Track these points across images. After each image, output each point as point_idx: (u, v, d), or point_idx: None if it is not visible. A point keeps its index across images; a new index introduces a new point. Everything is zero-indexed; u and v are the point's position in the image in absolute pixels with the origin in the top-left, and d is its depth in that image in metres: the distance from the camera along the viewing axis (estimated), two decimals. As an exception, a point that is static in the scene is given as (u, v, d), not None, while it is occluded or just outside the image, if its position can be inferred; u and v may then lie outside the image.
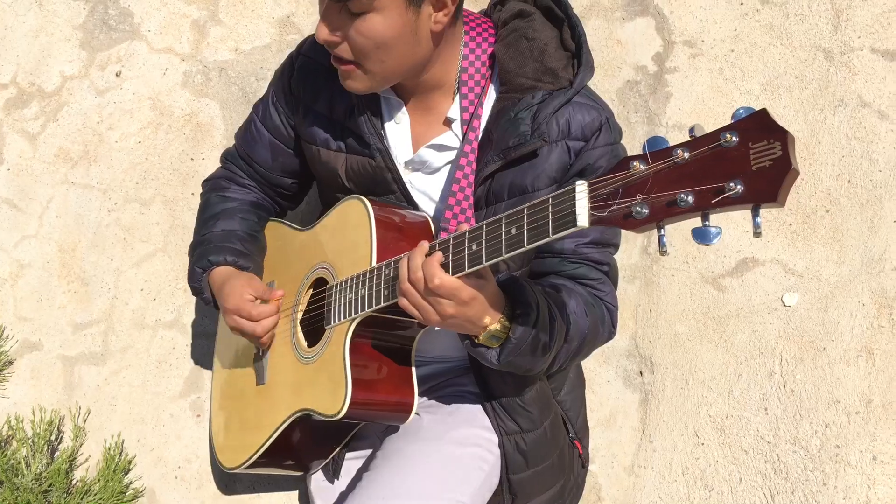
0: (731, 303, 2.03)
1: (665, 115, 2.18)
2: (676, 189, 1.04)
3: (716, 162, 1.02)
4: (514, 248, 1.25)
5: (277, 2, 2.38)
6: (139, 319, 2.27)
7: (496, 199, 1.57)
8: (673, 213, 1.06)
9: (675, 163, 1.05)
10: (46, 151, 2.39)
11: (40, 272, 2.32)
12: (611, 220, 1.11)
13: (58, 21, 2.44)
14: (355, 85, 1.53)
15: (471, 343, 1.46)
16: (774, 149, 0.98)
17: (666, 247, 1.09)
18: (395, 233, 1.57)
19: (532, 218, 1.22)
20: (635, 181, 1.08)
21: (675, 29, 2.21)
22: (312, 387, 1.62)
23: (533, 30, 1.57)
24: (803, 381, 1.92)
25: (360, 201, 1.60)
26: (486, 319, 1.39)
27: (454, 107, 1.59)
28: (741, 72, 2.15)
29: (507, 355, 1.43)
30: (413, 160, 1.63)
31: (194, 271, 1.80)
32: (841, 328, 1.93)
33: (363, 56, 1.47)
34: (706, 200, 1.03)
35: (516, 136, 1.51)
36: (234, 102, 2.36)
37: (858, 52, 2.09)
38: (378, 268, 1.50)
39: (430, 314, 1.37)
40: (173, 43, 2.40)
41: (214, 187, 1.91)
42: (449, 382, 1.78)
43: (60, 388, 2.25)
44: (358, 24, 1.43)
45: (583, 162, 1.54)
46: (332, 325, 1.60)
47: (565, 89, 1.53)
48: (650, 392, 2.06)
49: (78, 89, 2.41)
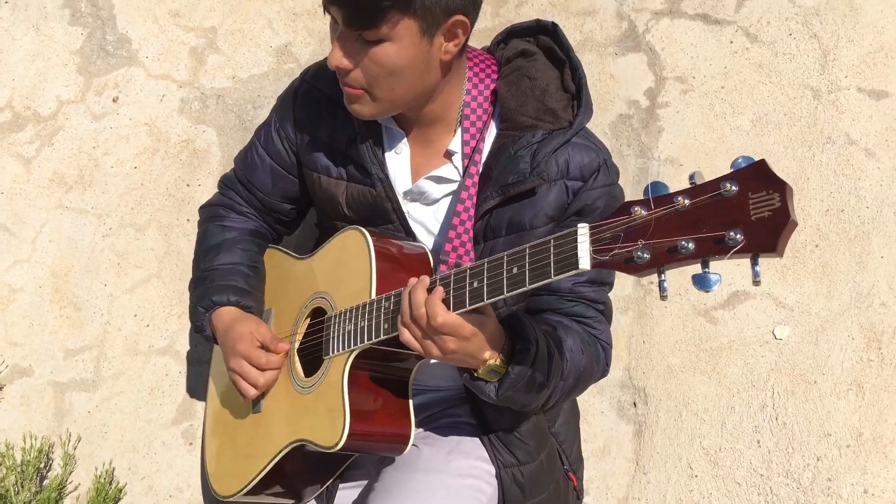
0: (723, 335, 2.06)
1: (657, 149, 2.22)
2: (677, 236, 1.07)
3: (716, 210, 1.05)
4: (515, 288, 1.27)
5: (275, 31, 2.40)
6: (132, 346, 2.26)
7: (494, 235, 1.59)
8: (674, 260, 1.08)
9: (676, 210, 1.08)
10: (41, 175, 2.38)
11: (32, 297, 2.32)
12: (612, 264, 1.14)
13: (55, 46, 2.45)
14: (361, 109, 1.55)
15: (470, 377, 1.47)
16: (773, 200, 1.01)
17: (666, 292, 1.12)
18: (394, 264, 1.58)
19: (534, 258, 1.24)
20: (637, 226, 1.11)
21: (666, 65, 2.26)
22: (309, 417, 1.62)
23: (535, 69, 1.61)
24: (795, 414, 1.95)
25: (360, 232, 1.61)
26: (487, 354, 1.41)
27: (455, 140, 1.61)
28: (731, 108, 2.20)
29: (506, 390, 1.44)
30: (412, 190, 1.65)
31: (196, 310, 1.79)
32: (831, 362, 1.97)
33: (374, 83, 1.49)
34: (706, 248, 1.06)
35: (515, 174, 1.53)
36: (231, 129, 2.37)
37: (845, 91, 2.14)
38: (378, 300, 1.51)
39: (431, 349, 1.39)
40: (171, 70, 2.41)
41: (212, 215, 1.91)
42: (445, 413, 1.79)
43: (51, 414, 2.24)
44: (372, 52, 1.45)
45: (581, 202, 1.57)
46: (330, 355, 1.60)
47: (565, 129, 1.56)
48: (644, 423, 2.08)
49: (74, 114, 2.41)
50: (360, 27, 1.43)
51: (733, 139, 2.18)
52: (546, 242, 1.23)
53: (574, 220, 1.58)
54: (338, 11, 1.44)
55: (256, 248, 1.86)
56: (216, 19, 2.42)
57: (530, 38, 1.68)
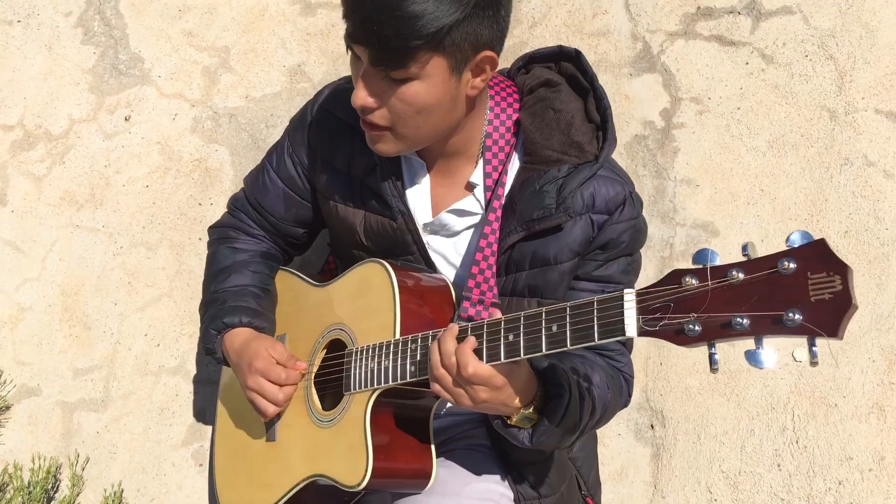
0: (741, 357, 2.03)
1: (673, 170, 2.21)
2: (731, 311, 1.05)
3: (773, 288, 1.03)
4: (555, 347, 1.25)
5: (289, 50, 2.40)
6: (142, 365, 2.24)
7: (517, 268, 1.56)
8: (726, 335, 1.07)
9: (729, 283, 1.05)
10: (52, 194, 2.37)
11: (41, 316, 2.29)
12: (661, 335, 1.12)
13: (67, 65, 2.45)
14: (385, 148, 1.51)
15: (502, 423, 1.45)
16: (834, 282, 0.99)
17: (717, 365, 1.09)
18: (417, 299, 1.55)
19: (575, 319, 1.22)
20: (687, 297, 1.08)
21: (681, 86, 2.25)
22: (329, 453, 1.59)
23: (560, 101, 1.56)
24: (816, 438, 1.92)
25: (382, 267, 1.57)
26: (518, 402, 1.39)
27: (477, 172, 1.58)
28: (747, 129, 2.19)
29: (540, 436, 1.42)
30: (433, 223, 1.62)
31: (208, 332, 1.74)
32: (852, 384, 1.94)
33: (400, 122, 1.45)
34: (762, 326, 1.04)
35: (541, 209, 1.50)
36: (244, 149, 2.36)
37: (863, 113, 2.14)
38: (404, 341, 1.49)
39: (462, 398, 1.36)
40: (184, 89, 2.41)
41: (222, 237, 1.87)
42: (462, 435, 1.76)
43: (59, 435, 2.21)
44: (400, 91, 1.40)
45: (606, 236, 1.55)
46: (351, 392, 1.57)
47: (591, 163, 1.52)
48: (662, 446, 2.05)
49: (86, 132, 2.40)
50: (389, 67, 1.37)
51: (750, 160, 2.17)
52: (588, 304, 1.21)
53: (598, 253, 1.56)
54: (364, 51, 1.38)
55: (268, 270, 1.82)
56: (229, 39, 2.42)
57: (551, 65, 1.64)
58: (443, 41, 1.35)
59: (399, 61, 1.36)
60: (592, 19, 2.32)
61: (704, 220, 2.18)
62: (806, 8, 2.19)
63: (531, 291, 1.56)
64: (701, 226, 2.17)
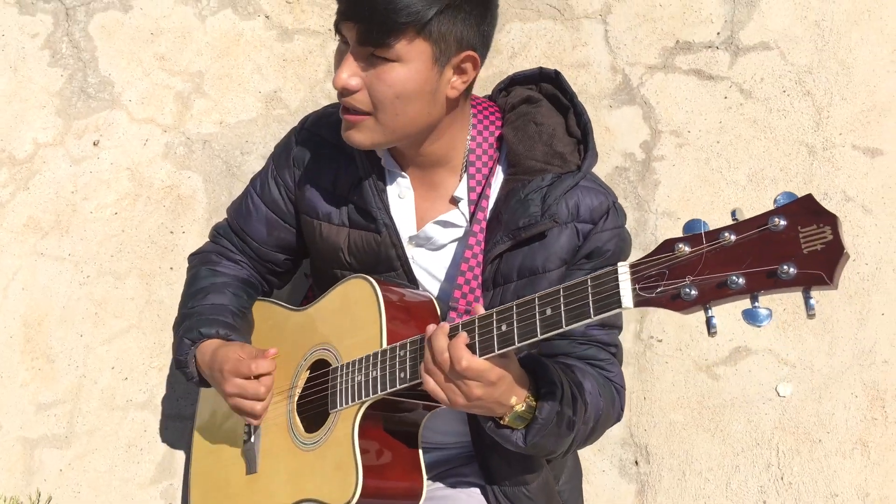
0: (725, 392, 2.03)
1: (654, 202, 2.21)
2: (726, 271, 1.07)
3: (765, 245, 1.05)
4: (550, 329, 1.25)
5: (264, 76, 2.36)
6: (109, 400, 2.16)
7: (505, 280, 1.57)
8: (723, 295, 1.07)
9: (722, 245, 1.08)
10: (14, 221, 2.29)
11: (2, 348, 2.21)
12: (657, 302, 1.13)
13: (33, 87, 2.37)
14: (359, 137, 1.52)
15: (494, 425, 1.44)
16: (825, 232, 1.02)
17: (716, 328, 1.10)
18: (402, 313, 1.55)
19: (570, 299, 1.23)
20: (681, 263, 1.11)
21: (661, 119, 2.26)
22: (315, 475, 1.55)
23: (541, 115, 1.61)
24: (801, 474, 1.92)
25: (366, 281, 1.57)
26: (513, 399, 1.38)
27: (462, 185, 1.60)
28: (727, 162, 2.21)
29: (534, 436, 1.41)
30: (418, 236, 1.63)
31: (182, 342, 1.71)
32: (836, 420, 1.95)
33: (380, 106, 1.47)
34: (758, 282, 1.05)
35: (526, 217, 1.52)
36: (218, 175, 2.31)
37: (840, 149, 2.16)
38: (391, 349, 1.47)
39: (456, 396, 1.35)
40: (155, 114, 2.35)
41: (204, 261, 1.86)
42: (450, 472, 1.74)
43: (19, 472, 2.12)
44: (382, 71, 1.44)
45: (591, 245, 1.57)
46: (337, 408, 1.54)
47: (574, 173, 1.56)
48: (646, 483, 2.03)
49: (52, 157, 2.33)
50: (375, 44, 1.42)
51: (730, 193, 2.18)
52: (582, 283, 1.22)
53: (584, 262, 1.58)
54: (353, 27, 1.43)
55: (246, 296, 1.81)
56: (203, 63, 2.37)
57: (532, 86, 1.68)
58: (430, 25, 1.41)
59: (385, 37, 1.41)
60: (572, 51, 2.32)
61: (685, 253, 2.18)
62: (783, 44, 2.22)
63: None
64: (682, 259, 2.18)
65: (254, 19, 2.37)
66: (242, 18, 2.37)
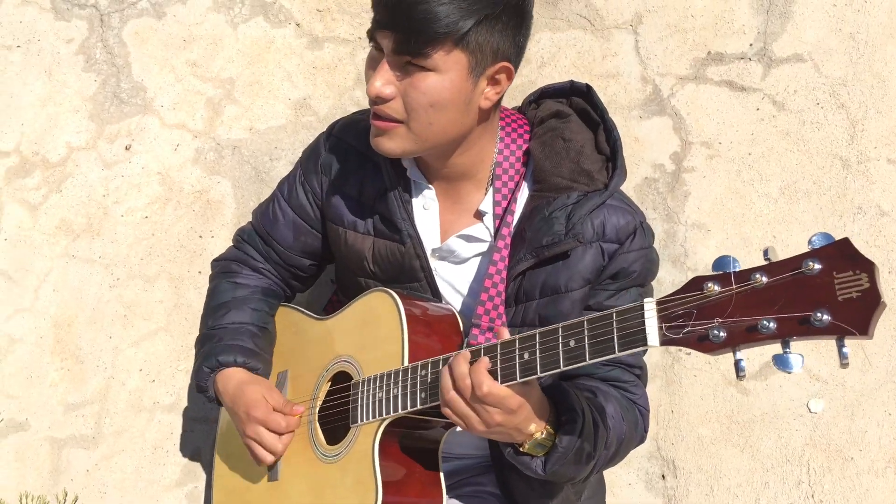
0: (755, 407, 2.00)
1: (684, 214, 2.19)
2: (757, 314, 1.04)
3: (798, 289, 1.02)
4: (573, 362, 1.23)
5: (294, 84, 2.37)
6: (136, 401, 2.17)
7: (527, 297, 1.55)
8: (753, 339, 1.04)
9: (753, 287, 1.05)
10: (47, 223, 2.31)
11: (32, 348, 2.23)
12: (684, 342, 1.10)
13: (67, 91, 2.40)
14: (390, 145, 1.50)
15: (514, 452, 1.42)
16: (861, 280, 0.98)
17: (744, 371, 1.07)
18: (424, 328, 1.53)
19: (594, 332, 1.21)
20: (710, 303, 1.07)
21: (692, 130, 2.24)
22: (336, 488, 1.55)
23: (570, 131, 1.58)
24: (832, 492, 1.88)
25: (388, 295, 1.56)
26: (532, 427, 1.36)
27: (487, 199, 1.58)
28: (759, 175, 2.18)
29: (553, 464, 1.39)
30: (441, 249, 1.61)
31: (201, 370, 1.72)
32: (868, 438, 1.91)
33: (413, 114, 1.45)
34: (789, 328, 1.02)
35: (550, 235, 1.50)
36: (247, 181, 2.32)
37: (875, 162, 2.13)
38: (413, 367, 1.46)
39: (474, 423, 1.34)
40: (186, 119, 2.37)
41: (224, 270, 1.85)
42: (468, 481, 1.73)
43: (46, 472, 2.13)
44: (417, 80, 1.42)
45: (617, 265, 1.54)
46: (358, 423, 1.54)
47: (600, 191, 1.54)
48: (673, 497, 2.01)
49: (84, 161, 2.35)
50: (412, 53, 1.40)
51: (761, 206, 2.15)
52: (606, 317, 1.20)
53: (609, 283, 1.55)
54: (389, 36, 1.41)
55: (268, 307, 1.80)
56: (234, 70, 2.38)
57: (563, 100, 1.66)
58: (468, 36, 1.40)
59: (424, 47, 1.39)
60: (602, 61, 2.31)
61: (715, 265, 2.15)
62: (817, 56, 2.20)
63: (542, 321, 1.54)
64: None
65: (284, 27, 2.39)
66: (273, 26, 2.39)
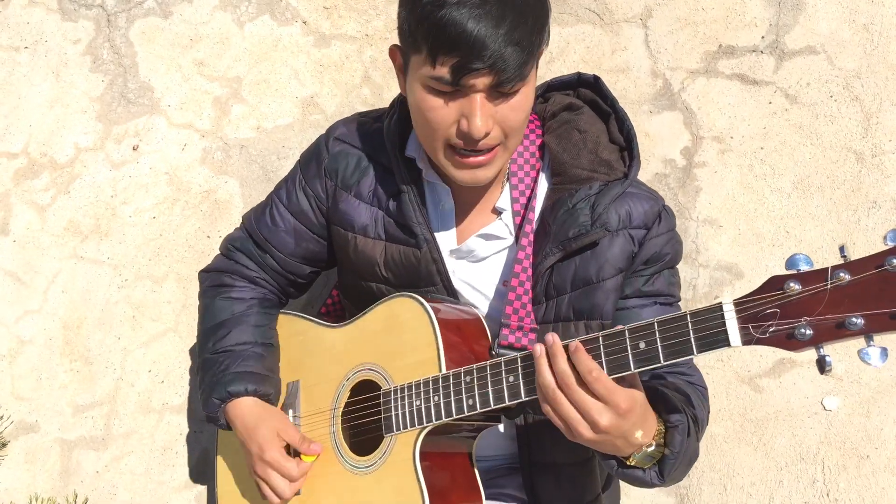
0: (769, 404, 1.97)
1: (695, 209, 2.16)
2: (844, 311, 1.06)
3: (884, 285, 1.04)
4: (645, 364, 1.21)
5: (301, 82, 2.36)
6: (145, 402, 2.16)
7: (558, 293, 1.52)
8: (840, 336, 1.07)
9: (837, 285, 1.06)
10: (55, 224, 2.31)
11: (42, 349, 2.22)
12: (769, 341, 1.11)
13: (74, 92, 2.40)
14: (491, 171, 1.46)
15: (620, 465, 1.33)
16: None
17: (831, 366, 1.09)
18: (455, 332, 1.49)
19: (667, 334, 1.19)
20: (793, 301, 1.09)
21: (703, 124, 2.21)
22: (372, 499, 1.50)
23: (584, 122, 1.57)
24: (847, 491, 1.85)
25: (416, 301, 1.51)
26: (639, 435, 1.27)
27: (504, 196, 1.56)
28: (771, 169, 2.15)
29: (670, 471, 1.31)
30: (460, 249, 1.58)
31: (211, 402, 1.64)
32: (884, 435, 1.88)
33: (513, 132, 1.42)
34: (880, 324, 1.05)
35: (576, 227, 1.48)
36: (255, 180, 2.31)
37: (890, 156, 2.10)
38: (455, 374, 1.42)
39: (579, 426, 1.24)
40: (194, 119, 2.36)
41: (217, 284, 1.76)
42: (491, 483, 1.69)
43: (57, 473, 2.13)
44: (515, 102, 1.38)
45: (649, 250, 1.52)
46: (394, 433, 1.49)
47: (621, 180, 1.52)
48: (686, 496, 1.98)
49: (92, 162, 2.35)
50: (515, 82, 1.34)
51: (774, 201, 2.12)
52: (681, 318, 1.18)
53: (643, 269, 1.53)
54: (486, 77, 1.33)
55: (268, 320, 1.73)
56: (241, 69, 2.37)
57: (570, 92, 1.64)
58: (547, 38, 1.40)
59: (523, 75, 1.35)
60: (611, 55, 2.28)
61: (728, 261, 2.12)
62: (830, 48, 2.16)
63: (577, 314, 1.52)
64: (724, 267, 2.12)
65: (291, 25, 2.37)
66: (280, 24, 2.38)
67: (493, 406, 1.36)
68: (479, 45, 1.29)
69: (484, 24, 1.28)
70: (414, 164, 1.59)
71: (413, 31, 1.35)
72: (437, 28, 1.30)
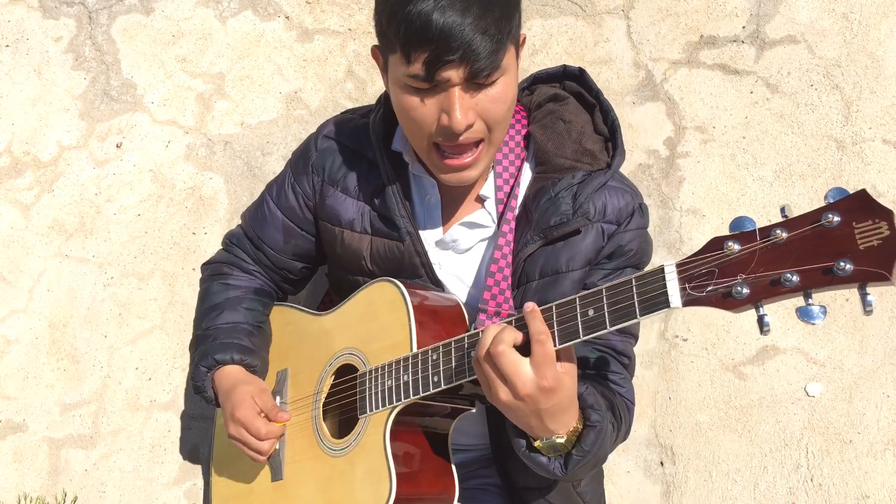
0: (753, 391, 1.99)
1: (678, 200, 2.17)
2: (779, 268, 1.05)
3: (819, 241, 1.03)
4: (593, 331, 1.21)
5: (285, 77, 2.36)
6: (133, 400, 2.16)
7: (527, 279, 1.54)
8: (776, 293, 1.05)
9: (773, 242, 1.06)
10: (40, 223, 2.30)
11: (28, 348, 2.22)
12: (707, 301, 1.10)
13: (57, 90, 2.39)
14: (473, 174, 1.47)
15: (527, 448, 1.35)
16: (881, 228, 1.00)
17: (769, 327, 1.08)
18: (430, 315, 1.51)
19: (613, 300, 1.19)
20: (731, 261, 1.09)
21: (685, 115, 2.22)
22: (345, 482, 1.52)
23: (569, 113, 1.59)
24: (831, 475, 1.87)
25: (393, 284, 1.53)
26: (553, 426, 1.27)
27: (488, 184, 1.57)
28: (753, 158, 2.16)
29: (573, 466, 1.32)
30: (444, 240, 1.60)
31: (198, 369, 1.69)
32: (867, 420, 1.90)
33: (495, 125, 1.42)
34: (813, 280, 1.03)
35: (558, 216, 1.49)
36: (239, 176, 2.31)
37: (870, 143, 2.11)
38: (423, 352, 1.44)
39: (497, 388, 1.24)
40: (177, 115, 2.35)
41: (216, 273, 1.82)
42: (473, 474, 1.71)
43: (45, 472, 2.12)
44: (494, 93, 1.38)
45: (613, 245, 1.53)
46: (367, 414, 1.51)
47: (604, 170, 1.53)
48: (672, 484, 2.00)
49: (76, 160, 2.34)
50: (487, 73, 1.35)
51: (756, 189, 2.14)
52: (625, 283, 1.18)
53: (605, 262, 1.54)
54: (459, 70, 1.34)
55: (261, 307, 1.77)
56: (224, 65, 2.37)
57: (555, 84, 1.65)
58: (519, 25, 1.39)
59: (495, 63, 1.35)
60: (594, 47, 2.29)
61: (711, 250, 2.14)
62: (811, 37, 2.18)
63: (540, 303, 1.52)
64: (708, 257, 2.14)
65: (274, 20, 2.37)
66: (263, 19, 2.37)
67: (455, 381, 1.37)
68: (447, 36, 1.31)
69: (450, 14, 1.30)
70: (401, 157, 1.60)
71: (385, 29, 1.37)
72: (405, 24, 1.32)
